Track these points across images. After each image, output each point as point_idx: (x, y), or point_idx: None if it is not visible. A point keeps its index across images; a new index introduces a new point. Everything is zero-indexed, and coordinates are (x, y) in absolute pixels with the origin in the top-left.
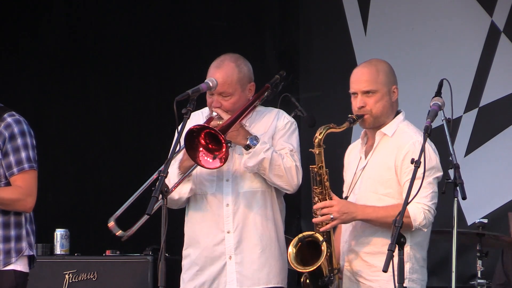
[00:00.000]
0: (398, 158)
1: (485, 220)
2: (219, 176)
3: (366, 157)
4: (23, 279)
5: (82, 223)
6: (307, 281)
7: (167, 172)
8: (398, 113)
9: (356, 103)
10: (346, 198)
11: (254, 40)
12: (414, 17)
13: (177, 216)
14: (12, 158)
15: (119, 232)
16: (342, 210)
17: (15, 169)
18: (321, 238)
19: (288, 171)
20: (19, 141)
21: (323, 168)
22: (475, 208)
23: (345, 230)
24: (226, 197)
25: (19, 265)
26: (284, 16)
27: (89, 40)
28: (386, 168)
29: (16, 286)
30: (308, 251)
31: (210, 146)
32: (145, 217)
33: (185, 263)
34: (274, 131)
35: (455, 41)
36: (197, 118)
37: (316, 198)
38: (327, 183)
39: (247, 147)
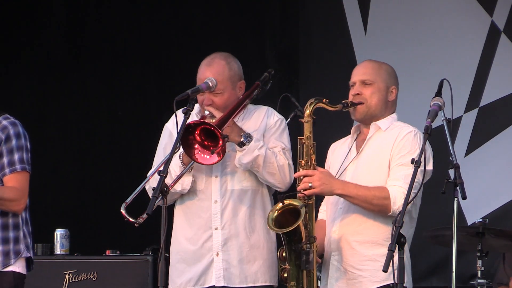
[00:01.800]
0: (394, 145)
1: (485, 220)
2: (208, 173)
3: (358, 150)
4: (21, 281)
5: (82, 223)
6: (284, 254)
7: (167, 172)
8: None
9: (352, 91)
10: None
11: (254, 40)
12: (414, 17)
13: None
14: (5, 159)
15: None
16: (322, 181)
17: (7, 170)
18: (300, 204)
19: (281, 169)
20: (14, 143)
21: (311, 139)
22: (475, 208)
23: (333, 219)
24: (215, 193)
25: (18, 267)
26: (284, 16)
27: (89, 40)
28: (382, 156)
29: (15, 287)
30: (288, 218)
31: (205, 143)
32: (157, 200)
33: (172, 258)
34: (265, 129)
35: (455, 41)
36: (191, 118)
37: (301, 170)
38: (313, 156)
39: (241, 144)
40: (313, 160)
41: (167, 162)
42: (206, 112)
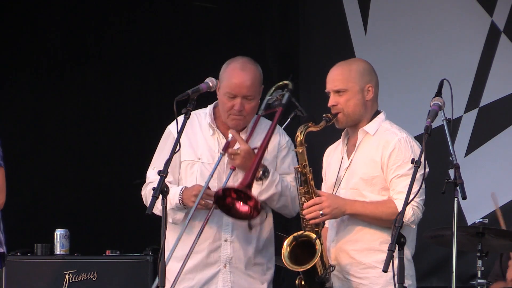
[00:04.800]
0: (384, 155)
1: (485, 220)
2: (219, 186)
3: (349, 157)
4: None
5: (82, 223)
6: (302, 282)
7: (167, 172)
8: (378, 112)
9: (329, 102)
10: None
11: (254, 40)
12: (414, 17)
13: None
14: None
15: None
16: (332, 205)
17: None
18: (313, 236)
19: (293, 201)
20: None
21: (307, 167)
22: (475, 208)
23: (331, 228)
24: None
25: None
26: (284, 16)
27: (89, 40)
28: (372, 165)
29: None
30: (301, 250)
31: (242, 195)
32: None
33: (172, 264)
34: (278, 149)
35: (455, 41)
36: (192, 122)
37: (303, 199)
38: (312, 182)
39: (259, 179)
40: (313, 187)
41: (167, 162)
42: (230, 136)
